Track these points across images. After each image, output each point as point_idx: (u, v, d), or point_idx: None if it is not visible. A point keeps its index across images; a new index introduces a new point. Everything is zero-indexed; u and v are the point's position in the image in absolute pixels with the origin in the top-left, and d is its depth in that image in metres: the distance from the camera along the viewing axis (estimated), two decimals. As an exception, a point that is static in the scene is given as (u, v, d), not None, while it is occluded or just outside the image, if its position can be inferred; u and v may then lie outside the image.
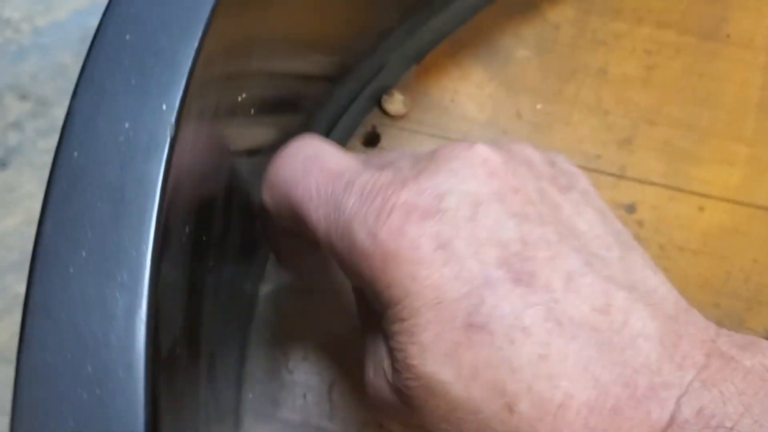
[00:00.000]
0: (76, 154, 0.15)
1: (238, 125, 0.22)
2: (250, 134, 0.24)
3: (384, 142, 0.32)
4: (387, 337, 0.18)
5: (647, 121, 0.33)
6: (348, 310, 0.29)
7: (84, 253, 0.15)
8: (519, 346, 0.16)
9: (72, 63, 0.49)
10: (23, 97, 0.48)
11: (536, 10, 0.35)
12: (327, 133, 0.32)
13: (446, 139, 0.32)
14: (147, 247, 0.15)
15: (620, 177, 0.32)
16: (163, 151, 0.16)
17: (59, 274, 0.15)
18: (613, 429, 0.15)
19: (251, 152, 0.25)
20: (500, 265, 0.17)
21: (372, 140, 0.33)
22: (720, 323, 0.29)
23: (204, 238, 0.20)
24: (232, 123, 0.21)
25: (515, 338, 0.16)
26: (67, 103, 0.48)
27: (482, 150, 0.18)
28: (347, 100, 0.33)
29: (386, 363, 0.18)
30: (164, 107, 0.16)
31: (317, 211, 0.19)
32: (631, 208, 0.31)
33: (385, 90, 0.33)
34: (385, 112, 0.33)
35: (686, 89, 0.33)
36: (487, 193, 0.17)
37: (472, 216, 0.17)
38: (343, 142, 0.32)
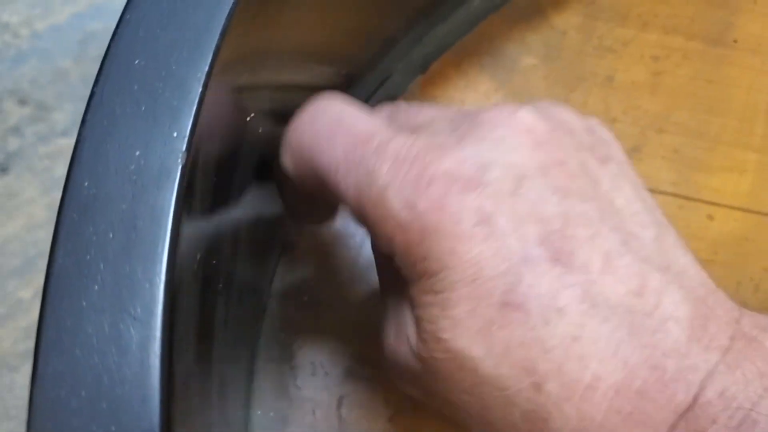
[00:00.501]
0: (86, 183, 0.15)
1: (246, 145, 0.22)
2: (256, 151, 0.24)
3: (390, 152, 0.32)
4: (415, 305, 0.18)
5: (656, 128, 0.32)
6: (356, 324, 0.28)
7: (96, 287, 0.14)
8: (553, 327, 0.16)
9: (71, 67, 0.49)
10: (23, 101, 0.48)
11: (542, 16, 0.35)
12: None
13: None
14: (160, 279, 0.14)
15: (629, 186, 0.31)
16: (175, 179, 0.15)
17: (72, 308, 0.14)
18: (638, 410, 0.16)
19: (260, 163, 0.25)
20: (540, 243, 0.16)
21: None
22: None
23: (214, 262, 0.19)
24: (240, 144, 0.21)
25: (550, 319, 0.16)
26: (67, 107, 0.48)
27: (528, 117, 0.18)
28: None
29: (411, 330, 0.18)
30: (175, 134, 0.16)
31: (346, 179, 0.18)
32: (640, 218, 0.31)
33: (391, 100, 0.33)
34: (391, 123, 0.32)
35: (694, 96, 0.33)
36: (532, 166, 0.17)
37: (515, 190, 0.17)
38: (349, 152, 0.32)
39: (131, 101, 0.16)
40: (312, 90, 0.29)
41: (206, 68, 0.16)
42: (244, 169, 0.22)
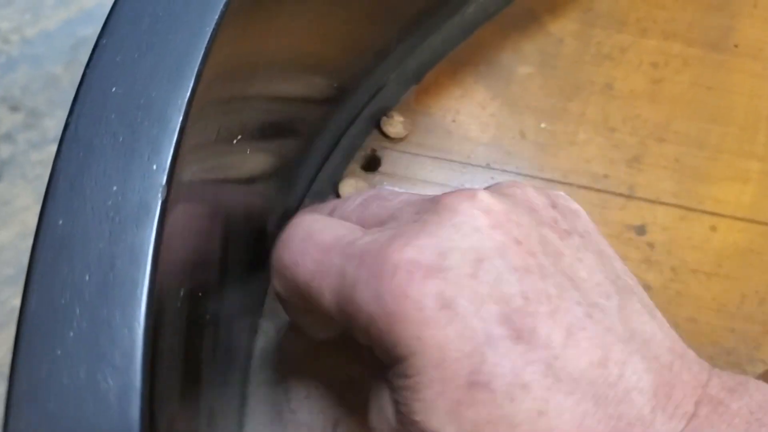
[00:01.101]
0: (61, 221, 0.14)
1: (233, 167, 0.21)
2: (246, 170, 0.23)
3: (384, 166, 0.31)
4: (392, 389, 0.18)
5: (656, 138, 0.32)
6: (351, 348, 0.28)
7: (72, 333, 0.13)
8: (519, 403, 0.16)
9: (63, 73, 0.48)
10: (14, 108, 0.47)
11: (538, 24, 0.34)
12: (326, 158, 0.31)
13: (449, 162, 0.31)
14: (139, 324, 0.14)
15: (629, 197, 0.31)
16: (155, 215, 0.14)
17: (46, 357, 0.13)
18: None
19: (249, 182, 0.24)
20: (502, 322, 0.17)
21: (372, 164, 0.31)
22: (736, 349, 0.29)
23: (200, 294, 0.18)
24: (226, 168, 0.20)
25: (515, 396, 0.16)
26: (59, 114, 0.47)
27: (485, 200, 0.18)
28: (346, 123, 0.32)
29: (389, 411, 0.19)
30: (155, 167, 0.15)
31: (321, 287, 0.19)
32: (641, 230, 0.30)
33: (385, 112, 0.32)
34: (385, 135, 0.32)
35: (695, 103, 0.32)
36: (489, 248, 0.18)
37: (474, 273, 0.17)
38: (342, 166, 0.31)
39: (108, 132, 0.15)
40: (303, 102, 0.28)
41: (188, 95, 0.15)
42: (231, 192, 0.21)
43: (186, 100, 0.15)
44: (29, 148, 0.45)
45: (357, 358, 0.27)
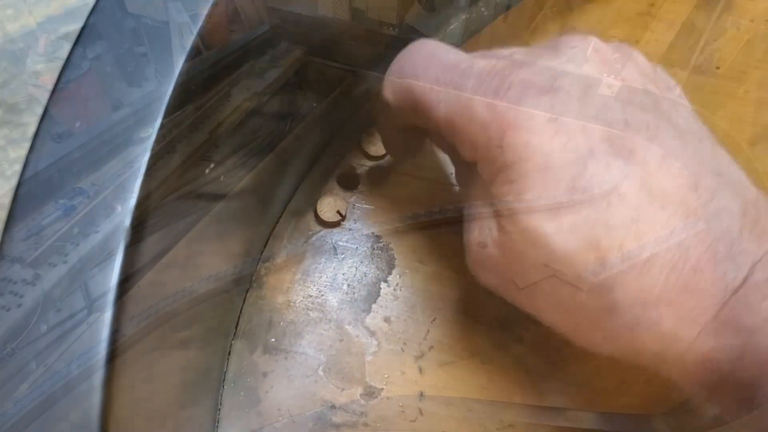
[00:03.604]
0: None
1: (204, 195, 0.20)
2: (219, 197, 0.22)
3: (363, 185, 0.31)
4: (495, 200, 0.20)
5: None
6: (325, 367, 0.27)
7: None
8: (615, 209, 0.18)
9: (44, 70, 0.47)
10: (-7, 104, 0.47)
11: (519, 42, 0.33)
12: (304, 176, 0.31)
13: (429, 181, 0.31)
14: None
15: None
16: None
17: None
18: (692, 285, 0.18)
19: (221, 207, 0.23)
20: (604, 141, 0.19)
21: (351, 182, 0.31)
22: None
23: (159, 327, 0.18)
24: (197, 198, 0.20)
25: (612, 202, 0.18)
26: (39, 111, 0.47)
27: (598, 41, 0.21)
28: (325, 140, 0.31)
29: (492, 224, 0.21)
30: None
31: (438, 99, 0.21)
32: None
33: (366, 129, 0.31)
34: (365, 153, 0.31)
35: (676, 126, 0.32)
36: (597, 78, 0.20)
37: (582, 96, 0.19)
38: (321, 183, 0.31)
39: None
40: (279, 122, 0.28)
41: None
42: (201, 217, 0.21)
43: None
44: (7, 144, 0.44)
45: (332, 381, 0.27)
